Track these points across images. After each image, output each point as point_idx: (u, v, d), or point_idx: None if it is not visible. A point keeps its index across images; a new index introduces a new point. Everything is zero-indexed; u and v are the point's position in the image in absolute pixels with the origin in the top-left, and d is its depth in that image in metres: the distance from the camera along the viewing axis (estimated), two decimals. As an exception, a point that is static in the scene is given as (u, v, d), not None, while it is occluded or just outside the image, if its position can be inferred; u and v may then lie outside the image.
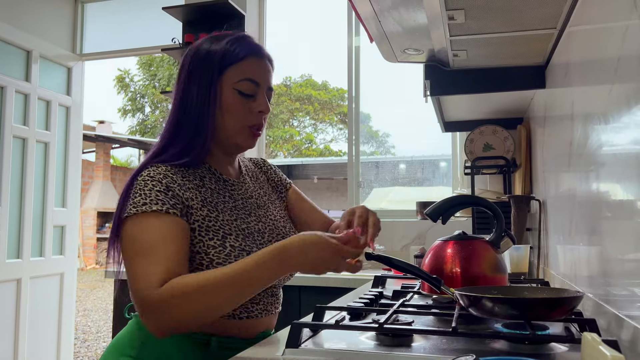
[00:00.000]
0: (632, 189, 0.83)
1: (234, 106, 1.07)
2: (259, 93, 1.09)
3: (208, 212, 1.03)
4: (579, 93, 1.24)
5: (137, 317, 1.08)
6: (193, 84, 1.07)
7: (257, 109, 1.09)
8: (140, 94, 19.73)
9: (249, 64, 1.08)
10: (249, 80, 1.07)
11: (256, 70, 1.09)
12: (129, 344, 1.03)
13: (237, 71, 1.07)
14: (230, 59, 1.07)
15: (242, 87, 1.07)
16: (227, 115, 1.07)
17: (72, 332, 3.61)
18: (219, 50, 1.07)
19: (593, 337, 0.67)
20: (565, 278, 1.44)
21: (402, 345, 0.94)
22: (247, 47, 1.09)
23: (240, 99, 1.07)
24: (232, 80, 1.07)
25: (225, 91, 1.07)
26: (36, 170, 3.36)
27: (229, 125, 1.08)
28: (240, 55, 1.07)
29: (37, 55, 3.36)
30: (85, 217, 12.76)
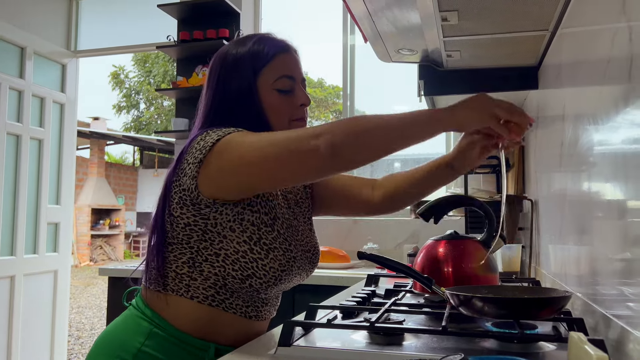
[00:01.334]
0: (620, 190, 0.84)
1: (277, 105, 1.07)
2: (297, 87, 1.10)
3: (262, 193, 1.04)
4: (570, 94, 1.26)
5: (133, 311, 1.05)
6: (229, 84, 1.07)
7: (298, 102, 1.10)
8: (135, 91, 19.68)
9: (281, 60, 1.08)
10: (284, 77, 1.08)
11: (288, 65, 1.09)
12: (123, 347, 1.00)
13: (271, 71, 1.07)
14: (261, 60, 1.07)
15: (280, 85, 1.08)
16: (273, 114, 1.08)
17: (65, 329, 3.61)
18: (247, 53, 1.08)
19: (579, 336, 0.68)
20: (556, 277, 1.46)
21: (393, 343, 0.95)
22: (274, 45, 1.09)
23: (281, 97, 1.08)
24: (269, 81, 1.07)
25: (265, 93, 1.07)
26: (30, 167, 3.35)
27: (277, 124, 1.08)
28: (270, 54, 1.08)
29: (31, 52, 3.35)
30: (79, 214, 12.73)
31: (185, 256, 1.01)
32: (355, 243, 2.99)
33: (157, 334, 1.00)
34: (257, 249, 1.00)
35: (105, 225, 13.87)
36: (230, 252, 0.99)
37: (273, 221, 1.03)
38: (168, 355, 0.99)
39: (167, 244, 1.02)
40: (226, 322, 1.03)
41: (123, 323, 1.05)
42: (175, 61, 3.43)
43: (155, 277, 1.03)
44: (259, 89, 1.07)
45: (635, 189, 0.76)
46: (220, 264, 1.00)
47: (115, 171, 15.28)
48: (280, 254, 1.02)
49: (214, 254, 1.00)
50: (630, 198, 0.78)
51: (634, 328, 0.77)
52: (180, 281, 1.01)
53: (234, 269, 1.00)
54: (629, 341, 0.77)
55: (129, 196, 15.76)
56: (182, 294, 1.01)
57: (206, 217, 0.98)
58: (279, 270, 1.02)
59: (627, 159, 0.80)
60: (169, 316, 1.01)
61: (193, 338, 1.00)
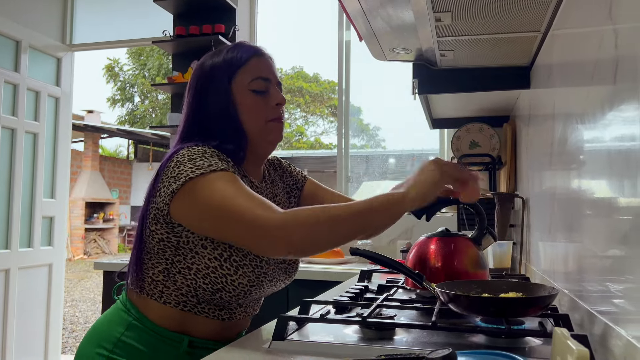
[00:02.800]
0: (606, 188, 0.87)
1: (252, 106, 1.11)
2: (271, 88, 1.13)
3: None
4: (560, 94, 1.28)
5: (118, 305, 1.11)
6: (205, 97, 1.11)
7: (273, 102, 1.12)
8: (129, 84, 19.58)
9: (254, 64, 1.12)
10: (259, 78, 1.11)
11: (262, 67, 1.13)
12: (105, 336, 1.06)
13: (245, 73, 1.11)
14: (235, 65, 1.11)
15: (255, 86, 1.11)
16: (249, 115, 1.11)
17: (60, 322, 3.62)
18: (221, 60, 1.12)
19: (562, 332, 0.71)
20: (545, 274, 1.49)
21: (385, 338, 0.98)
22: (247, 50, 1.13)
23: (256, 98, 1.11)
24: (244, 82, 1.11)
25: (240, 95, 1.10)
26: (25, 161, 3.35)
27: (253, 124, 1.11)
28: (243, 58, 1.11)
29: (26, 46, 3.35)
30: (73, 207, 12.69)
31: (161, 266, 1.06)
32: (349, 238, 3.01)
33: (136, 325, 1.06)
34: (226, 266, 1.03)
35: (99, 219, 13.84)
36: (201, 267, 1.03)
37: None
38: (145, 345, 1.04)
39: (146, 252, 1.07)
40: (199, 322, 1.08)
41: (108, 316, 1.12)
42: (171, 56, 3.43)
43: (134, 280, 1.09)
44: (233, 92, 1.10)
45: (620, 188, 0.78)
46: (192, 276, 1.04)
47: (109, 165, 15.24)
48: (249, 270, 1.04)
49: (186, 267, 1.04)
50: (616, 196, 0.80)
51: (616, 324, 0.80)
52: (155, 287, 1.06)
53: (204, 282, 1.03)
54: (612, 337, 0.80)
55: (123, 190, 15.72)
56: (156, 299, 1.06)
57: (179, 235, 1.02)
58: (247, 285, 1.05)
59: (612, 158, 0.82)
60: (146, 313, 1.07)
61: (169, 332, 1.06)
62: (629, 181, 0.74)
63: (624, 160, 0.76)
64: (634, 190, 0.71)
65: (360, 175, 3.67)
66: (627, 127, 0.74)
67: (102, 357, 1.03)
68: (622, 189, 0.77)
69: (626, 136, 0.74)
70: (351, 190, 3.32)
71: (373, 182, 4.20)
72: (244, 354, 0.91)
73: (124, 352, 1.04)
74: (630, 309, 0.74)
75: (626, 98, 0.75)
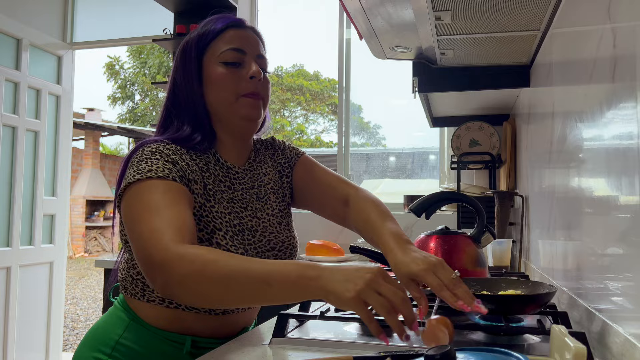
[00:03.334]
0: (604, 186, 0.87)
1: (220, 77, 1.02)
2: (247, 60, 1.04)
3: (205, 200, 1.00)
4: (560, 92, 1.28)
5: (116, 306, 1.07)
6: (178, 72, 1.06)
7: (247, 75, 1.03)
8: (130, 82, 19.58)
9: (229, 35, 1.04)
10: (231, 49, 1.03)
11: (238, 39, 1.05)
12: (103, 340, 1.02)
13: (217, 45, 1.04)
14: (208, 36, 1.04)
15: (226, 57, 1.03)
16: (217, 88, 1.03)
17: (61, 320, 3.63)
18: (195, 35, 1.06)
19: (560, 329, 0.71)
20: (544, 272, 1.49)
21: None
22: (224, 20, 1.06)
23: (227, 70, 1.03)
24: (215, 54, 1.03)
25: (210, 67, 1.03)
26: (26, 159, 3.36)
27: (222, 98, 1.03)
28: (217, 29, 1.04)
29: (27, 44, 3.35)
30: (73, 205, 12.70)
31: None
32: (349, 236, 3.02)
33: (135, 326, 1.01)
34: None
35: (99, 217, 13.86)
36: None
37: (210, 235, 0.98)
38: (145, 347, 1.00)
39: (127, 250, 1.03)
40: (193, 319, 1.02)
41: (106, 318, 1.07)
42: (171, 54, 3.43)
43: (119, 279, 1.06)
44: (204, 66, 1.04)
45: (618, 186, 0.79)
46: None
47: (110, 162, 15.24)
48: None
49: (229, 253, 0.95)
50: (614, 194, 0.81)
51: (613, 322, 0.80)
52: (135, 285, 1.02)
53: None
54: (610, 334, 0.81)
55: (124, 188, 15.71)
56: (139, 298, 1.02)
57: None
58: None
59: (610, 157, 0.83)
60: (138, 313, 1.02)
61: (168, 332, 1.01)
62: (627, 179, 0.74)
63: (622, 159, 0.76)
64: (631, 189, 0.72)
65: (360, 174, 3.68)
66: (624, 126, 0.75)
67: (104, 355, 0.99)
68: (620, 187, 0.77)
69: (624, 135, 0.75)
70: (351, 188, 3.32)
71: (373, 180, 4.20)
72: (244, 352, 0.91)
73: (123, 355, 0.99)
74: (628, 306, 0.75)
75: (624, 97, 0.75)
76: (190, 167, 0.99)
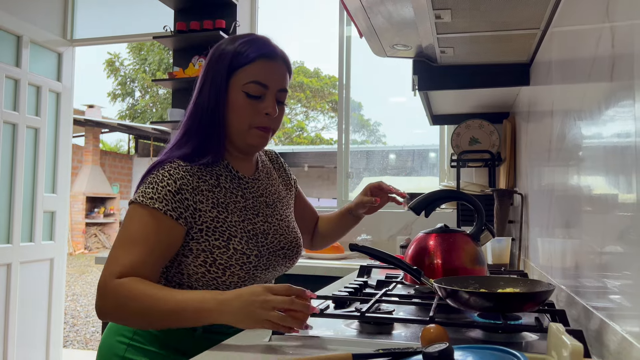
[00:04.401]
0: (602, 185, 0.88)
1: (240, 107, 1.11)
2: (267, 95, 1.12)
3: (217, 213, 1.10)
4: (559, 91, 1.29)
5: None
6: (207, 83, 1.13)
7: (263, 110, 1.12)
8: (130, 78, 19.56)
9: (259, 66, 1.11)
10: (256, 82, 1.10)
11: (265, 72, 1.11)
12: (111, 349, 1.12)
13: (245, 73, 1.11)
14: (239, 61, 1.11)
15: (249, 89, 1.10)
16: (235, 115, 1.11)
17: (61, 316, 3.64)
18: (231, 51, 1.11)
19: (558, 327, 0.72)
20: (543, 270, 1.50)
21: (383, 332, 0.99)
22: (258, 49, 1.12)
23: (247, 100, 1.11)
24: (241, 82, 1.10)
25: (234, 92, 1.11)
26: (26, 156, 3.36)
27: (236, 125, 1.12)
28: (249, 57, 1.11)
29: (27, 41, 3.35)
30: (74, 202, 12.71)
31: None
32: (349, 234, 3.01)
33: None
34: (213, 270, 1.08)
35: (99, 214, 13.87)
36: (191, 272, 1.09)
37: (227, 242, 1.09)
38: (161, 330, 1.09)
39: None
40: None
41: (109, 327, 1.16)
42: (172, 51, 3.43)
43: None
44: (229, 87, 1.11)
45: (616, 184, 0.79)
46: (186, 279, 1.10)
47: (110, 159, 15.25)
48: (237, 269, 1.09)
49: (179, 272, 1.10)
50: (612, 193, 0.81)
51: (611, 320, 0.81)
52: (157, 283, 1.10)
53: (198, 284, 1.10)
54: (607, 332, 0.81)
55: (124, 184, 15.74)
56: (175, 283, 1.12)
57: None
58: (239, 282, 1.10)
59: (609, 155, 0.83)
60: None
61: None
62: (625, 178, 0.74)
63: (620, 157, 0.77)
64: (629, 187, 0.72)
65: (360, 171, 3.68)
66: (622, 125, 0.75)
67: (123, 344, 1.09)
68: (618, 185, 0.78)
69: (622, 133, 0.75)
70: (352, 185, 3.33)
71: (373, 177, 4.20)
72: (243, 349, 0.92)
73: (143, 338, 1.09)
74: (626, 304, 0.75)
75: (622, 95, 0.76)
76: (198, 189, 1.09)
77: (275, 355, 0.88)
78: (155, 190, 1.05)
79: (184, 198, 1.06)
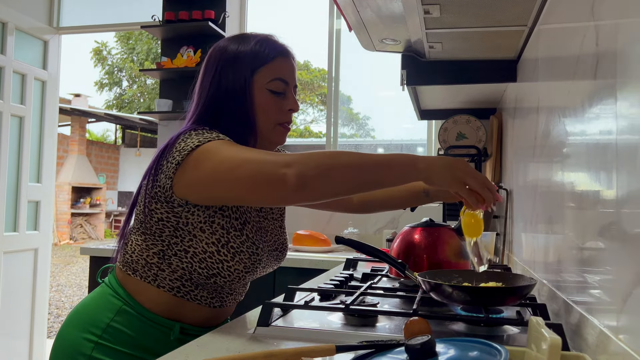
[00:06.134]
0: (584, 181, 0.89)
1: (267, 105, 1.10)
2: (289, 91, 1.13)
3: None
4: (544, 88, 1.30)
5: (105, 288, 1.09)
6: (224, 83, 1.10)
7: (287, 107, 1.13)
8: (117, 68, 19.35)
9: (278, 63, 1.12)
10: (279, 79, 1.11)
11: (285, 69, 1.12)
12: (93, 322, 1.05)
13: (268, 72, 1.10)
14: (261, 60, 1.10)
15: (274, 87, 1.10)
16: (261, 114, 1.10)
17: (46, 307, 3.61)
18: (248, 51, 1.11)
19: (537, 320, 0.73)
20: (526, 265, 1.52)
21: (367, 325, 1.00)
22: (275, 48, 1.12)
23: (272, 98, 1.11)
24: (264, 80, 1.10)
25: (258, 91, 1.10)
26: (10, 144, 3.32)
27: (263, 123, 1.11)
28: (270, 56, 1.11)
29: (12, 28, 3.29)
30: (59, 192, 12.58)
31: (157, 247, 1.05)
32: (336, 227, 3.04)
33: (127, 311, 1.05)
34: (224, 252, 1.03)
35: (85, 204, 13.75)
36: (198, 251, 1.03)
37: (243, 225, 1.06)
38: (135, 330, 1.04)
39: (142, 232, 1.06)
40: (190, 308, 1.08)
41: (95, 300, 1.09)
42: (160, 41, 3.40)
43: (126, 261, 1.08)
44: (252, 87, 1.10)
45: (597, 181, 0.80)
46: (188, 260, 1.04)
47: (96, 149, 15.10)
48: (246, 257, 1.05)
49: (183, 250, 1.04)
50: (594, 189, 0.83)
51: (590, 314, 0.82)
52: (149, 269, 1.06)
53: (200, 266, 1.04)
54: (586, 326, 0.83)
55: (111, 175, 15.61)
56: (150, 282, 1.06)
57: (178, 215, 1.02)
58: (243, 271, 1.06)
59: (591, 152, 0.84)
60: (138, 297, 1.06)
61: (160, 317, 1.06)
62: (606, 174, 0.76)
63: (602, 154, 0.78)
64: (610, 184, 0.74)
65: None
66: (604, 122, 0.76)
67: (91, 342, 1.02)
68: (599, 182, 0.79)
69: (604, 131, 0.76)
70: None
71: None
72: (229, 339, 0.92)
73: (113, 337, 1.03)
74: (604, 299, 0.77)
75: (604, 94, 0.77)
76: None
77: (259, 345, 0.89)
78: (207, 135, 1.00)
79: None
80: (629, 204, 0.66)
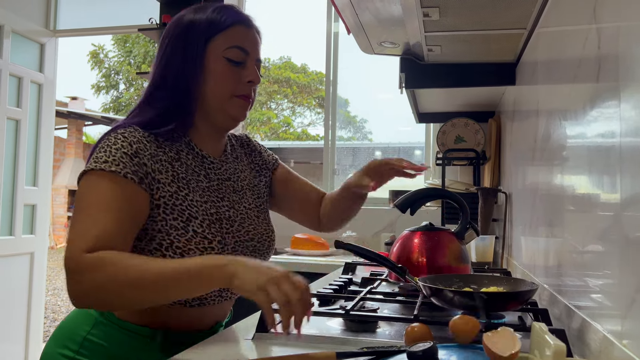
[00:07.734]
0: (586, 184, 0.88)
1: (223, 74, 1.03)
2: (249, 62, 1.06)
3: (177, 189, 0.99)
4: (544, 91, 1.29)
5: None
6: (176, 53, 1.03)
7: (246, 78, 1.05)
8: (114, 71, 19.31)
9: (237, 31, 1.05)
10: (237, 47, 1.04)
11: (245, 38, 1.05)
12: (71, 336, 1.01)
13: (225, 39, 1.03)
14: (217, 27, 1.03)
15: (231, 55, 1.03)
16: (216, 83, 1.03)
17: (42, 311, 3.59)
18: (204, 18, 1.04)
19: (540, 326, 0.72)
20: (526, 268, 1.51)
21: (367, 330, 0.99)
22: (234, 15, 1.05)
23: (230, 67, 1.03)
24: (221, 47, 1.03)
25: (213, 59, 1.03)
26: (7, 148, 3.30)
27: (218, 94, 1.03)
28: (227, 22, 1.04)
29: (8, 30, 3.28)
30: (56, 195, 12.54)
31: None
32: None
33: (103, 322, 0.99)
34: (170, 254, 0.96)
35: (82, 207, 13.69)
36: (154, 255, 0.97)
37: (187, 223, 0.98)
38: (113, 342, 0.98)
39: None
40: (167, 311, 1.00)
41: (74, 313, 1.05)
42: (157, 44, 3.39)
43: None
44: (207, 54, 1.02)
45: (599, 184, 0.80)
46: None
47: (93, 152, 15.04)
48: (197, 254, 0.97)
49: (149, 252, 0.98)
50: (595, 193, 0.82)
51: (592, 319, 0.82)
52: None
53: None
54: (589, 331, 0.82)
55: (108, 178, 15.55)
56: None
57: None
58: None
59: (593, 156, 0.84)
60: None
61: (136, 326, 0.99)
62: (609, 178, 0.75)
63: (604, 158, 0.77)
64: (613, 187, 0.73)
65: (346, 168, 3.68)
66: (607, 125, 0.76)
67: (66, 358, 0.98)
68: (602, 185, 0.78)
69: (607, 133, 0.76)
70: (337, 182, 3.32)
71: (359, 174, 4.21)
72: (227, 346, 0.91)
73: (90, 351, 0.98)
74: (607, 304, 0.76)
75: (607, 97, 0.76)
76: (156, 157, 0.98)
77: (258, 352, 0.88)
78: (110, 154, 0.93)
79: (142, 163, 0.95)
80: (633, 207, 0.65)
